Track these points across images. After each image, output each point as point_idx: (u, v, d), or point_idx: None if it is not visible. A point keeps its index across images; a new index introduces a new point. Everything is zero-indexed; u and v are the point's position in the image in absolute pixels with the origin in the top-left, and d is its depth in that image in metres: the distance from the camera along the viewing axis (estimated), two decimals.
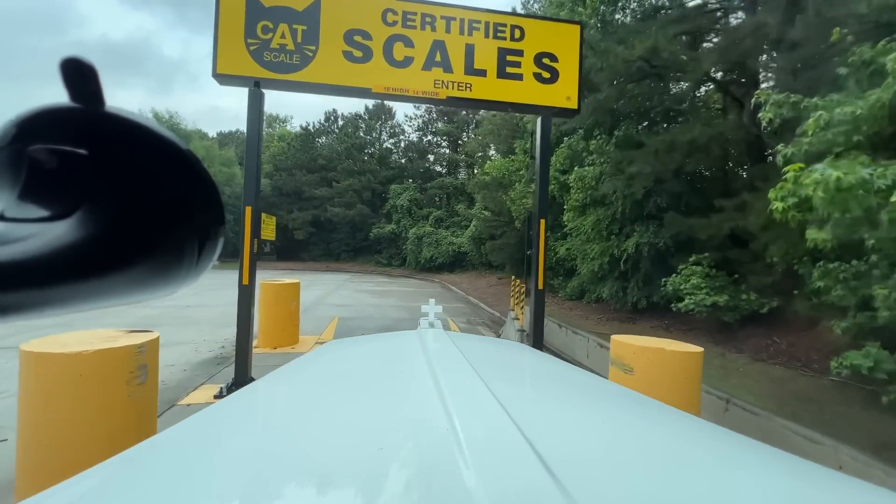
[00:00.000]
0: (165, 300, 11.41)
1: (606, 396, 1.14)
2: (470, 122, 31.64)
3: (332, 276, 24.96)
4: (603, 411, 0.99)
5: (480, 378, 1.00)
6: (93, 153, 0.25)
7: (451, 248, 25.74)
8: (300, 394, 1.09)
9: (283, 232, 34.58)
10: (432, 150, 33.91)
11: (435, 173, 32.96)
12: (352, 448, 0.68)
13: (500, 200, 16.13)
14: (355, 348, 1.63)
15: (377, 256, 32.20)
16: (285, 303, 7.28)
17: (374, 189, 33.47)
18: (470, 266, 24.78)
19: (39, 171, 0.25)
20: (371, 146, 35.95)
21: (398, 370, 1.24)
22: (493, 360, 1.45)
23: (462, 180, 30.71)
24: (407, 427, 0.77)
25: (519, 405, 0.84)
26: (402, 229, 29.92)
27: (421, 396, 0.93)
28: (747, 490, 0.64)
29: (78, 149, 0.25)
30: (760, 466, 0.73)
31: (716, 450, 0.81)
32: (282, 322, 7.23)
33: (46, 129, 0.25)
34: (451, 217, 28.82)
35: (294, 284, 7.50)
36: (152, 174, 0.27)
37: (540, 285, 5.62)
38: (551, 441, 0.68)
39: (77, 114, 0.25)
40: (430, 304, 2.73)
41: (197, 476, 0.64)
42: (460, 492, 0.52)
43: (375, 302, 13.97)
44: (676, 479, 0.64)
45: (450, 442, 0.65)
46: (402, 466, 0.62)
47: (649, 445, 0.78)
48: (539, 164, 5.56)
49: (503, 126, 16.77)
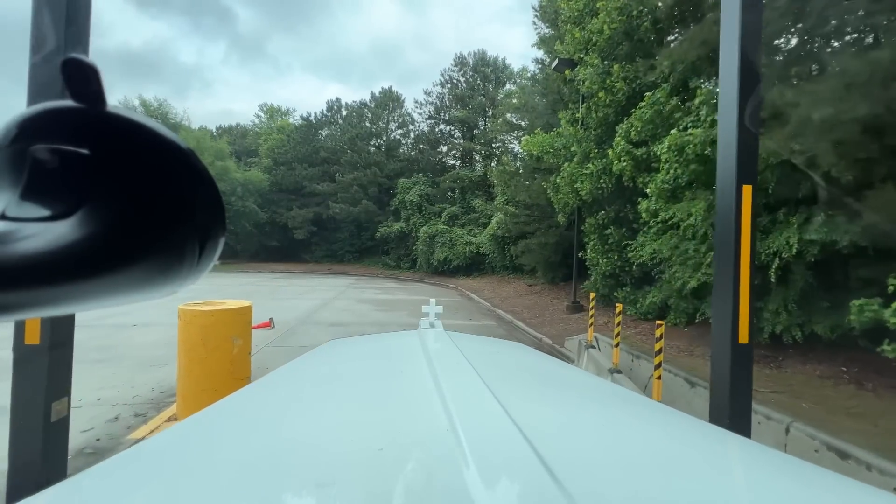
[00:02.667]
0: (111, 317, 9.44)
1: (607, 397, 1.15)
2: (488, 107, 28.46)
3: (334, 281, 22.03)
4: (604, 412, 1.01)
5: (481, 378, 1.01)
6: (94, 153, 0.25)
7: (467, 248, 22.58)
8: (300, 394, 1.10)
9: (282, 231, 31.88)
10: (445, 139, 30.74)
11: (448, 166, 29.82)
12: (352, 448, 0.69)
13: (537, 189, 12.96)
14: (355, 348, 1.65)
15: (384, 258, 29.19)
16: (221, 342, 4.24)
17: (381, 183, 30.44)
18: (489, 269, 21.61)
19: (41, 171, 0.25)
20: (377, 137, 32.91)
21: (398, 370, 1.24)
22: (493, 360, 1.49)
23: (479, 172, 27.55)
24: (407, 427, 0.77)
25: (519, 405, 0.85)
26: (411, 227, 26.84)
27: (421, 396, 0.93)
28: (747, 491, 0.65)
29: (79, 148, 0.25)
30: (761, 468, 0.73)
31: (716, 451, 0.83)
32: (216, 375, 4.19)
33: (48, 129, 0.25)
34: (466, 213, 25.67)
35: (240, 310, 4.45)
36: (153, 174, 0.27)
37: (744, 335, 2.46)
38: (552, 442, 0.69)
39: (78, 113, 0.25)
40: (430, 304, 2.61)
41: (197, 476, 0.64)
42: (460, 492, 0.52)
43: (380, 318, 10.91)
44: (677, 480, 0.65)
45: (450, 442, 0.66)
46: (402, 466, 0.62)
47: (650, 447, 0.78)
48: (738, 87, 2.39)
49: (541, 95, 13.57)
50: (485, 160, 28.32)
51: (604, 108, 9.30)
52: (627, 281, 9.59)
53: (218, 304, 4.48)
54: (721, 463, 0.77)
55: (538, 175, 12.92)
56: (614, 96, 8.90)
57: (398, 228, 27.45)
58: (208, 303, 4.56)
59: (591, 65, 9.16)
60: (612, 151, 8.58)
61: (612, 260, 9.49)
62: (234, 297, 5.38)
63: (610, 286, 10.20)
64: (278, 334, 8.48)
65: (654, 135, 7.95)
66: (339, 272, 27.75)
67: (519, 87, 16.67)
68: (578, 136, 9.90)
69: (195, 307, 4.27)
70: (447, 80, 30.37)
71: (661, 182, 7.45)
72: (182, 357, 4.26)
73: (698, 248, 6.59)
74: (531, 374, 1.40)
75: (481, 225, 24.01)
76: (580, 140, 9.85)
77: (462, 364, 1.17)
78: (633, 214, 9.38)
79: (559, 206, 11.48)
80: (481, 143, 27.80)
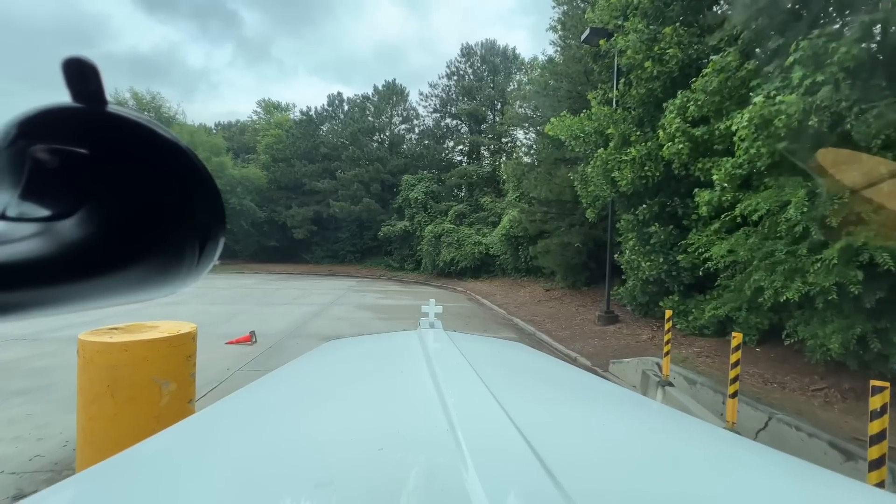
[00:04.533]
0: (69, 328, 7.96)
1: (606, 397, 1.15)
2: (497, 99, 26.93)
3: (334, 283, 20.63)
4: (602, 412, 1.00)
5: (480, 378, 1.00)
6: (94, 153, 0.25)
7: (476, 249, 21.07)
8: (300, 394, 1.10)
9: (281, 230, 30.50)
10: (451, 134, 29.17)
11: (455, 161, 28.28)
12: (352, 448, 0.69)
13: (560, 182, 11.47)
14: (355, 348, 1.65)
15: (387, 259, 27.72)
16: (140, 390, 2.83)
17: (384, 180, 28.98)
18: (500, 271, 20.12)
19: (41, 171, 0.25)
20: (380, 132, 31.42)
21: (398, 370, 1.25)
22: (492, 360, 1.49)
23: (487, 168, 26.04)
24: (407, 427, 0.77)
25: (518, 405, 0.84)
26: (416, 227, 25.34)
27: (421, 397, 0.93)
28: (744, 490, 0.64)
29: (79, 148, 0.25)
30: (758, 467, 0.73)
31: (714, 450, 0.81)
32: (132, 438, 2.70)
33: (48, 129, 0.25)
34: (474, 212, 24.17)
35: (172, 340, 3.01)
36: (154, 174, 0.27)
37: None
38: (550, 441, 0.69)
39: (79, 113, 0.25)
40: (430, 304, 2.58)
41: (197, 476, 0.65)
42: (460, 492, 0.52)
43: (382, 328, 9.45)
44: (675, 479, 0.65)
45: (450, 442, 0.66)
46: (401, 466, 0.62)
47: (649, 446, 0.79)
48: None
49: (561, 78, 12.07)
50: (493, 155, 26.81)
51: (648, 83, 7.81)
52: (675, 288, 8.08)
53: (139, 331, 3.04)
54: (721, 462, 0.76)
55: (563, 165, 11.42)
56: (664, 66, 7.41)
57: (402, 227, 25.98)
58: (129, 328, 3.12)
59: (633, 30, 7.68)
60: (662, 132, 7.09)
61: (656, 263, 7.99)
62: (219, 303, 3.99)
63: (651, 294, 8.71)
64: (259, 352, 7.05)
65: (718, 110, 6.45)
66: (339, 273, 26.34)
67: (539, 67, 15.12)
68: (615, 116, 8.41)
69: (99, 337, 2.83)
70: (453, 71, 28.88)
71: (731, 167, 5.96)
72: (81, 413, 2.83)
73: (794, 249, 5.10)
74: (531, 374, 1.41)
75: (490, 224, 22.51)
76: (617, 121, 8.35)
77: (462, 364, 1.18)
78: (683, 209, 7.89)
79: (588, 200, 9.98)
80: (490, 137, 26.29)
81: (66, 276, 0.23)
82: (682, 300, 7.89)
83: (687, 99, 6.75)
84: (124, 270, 0.25)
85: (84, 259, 0.24)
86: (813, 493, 0.65)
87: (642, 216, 8.35)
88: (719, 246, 6.07)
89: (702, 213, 6.69)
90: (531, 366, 1.51)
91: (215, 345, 7.43)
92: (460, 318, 11.06)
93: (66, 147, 0.25)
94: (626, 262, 9.00)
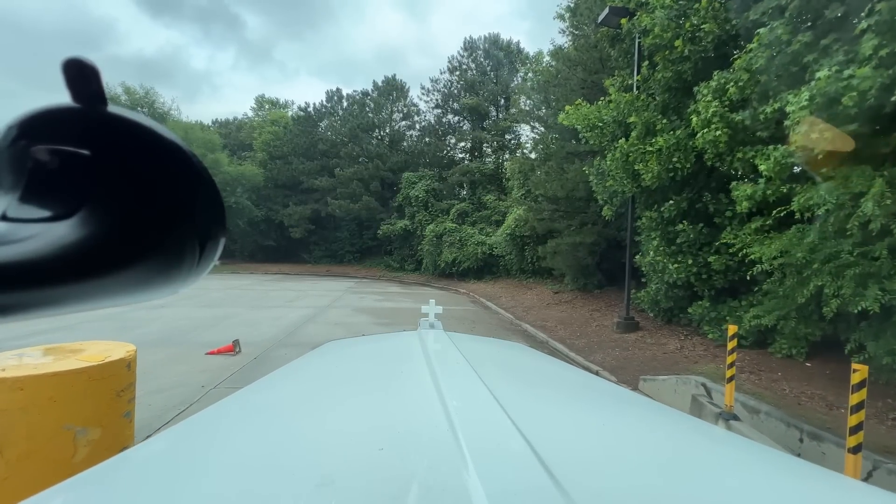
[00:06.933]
0: (41, 334, 7.07)
1: (606, 397, 1.15)
2: (500, 94, 26.11)
3: (332, 284, 19.87)
4: (602, 412, 1.00)
5: (480, 378, 1.00)
6: (94, 154, 0.25)
7: (479, 249, 20.28)
8: (300, 394, 1.08)
9: (278, 229, 29.72)
10: (453, 130, 28.34)
11: (457, 158, 27.46)
12: (352, 448, 0.69)
13: (573, 178, 10.68)
14: (355, 349, 1.63)
15: (387, 259, 26.93)
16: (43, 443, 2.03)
17: (384, 178, 28.18)
18: (504, 272, 19.33)
19: (41, 172, 0.25)
20: (380, 128, 30.60)
21: (398, 370, 1.23)
22: (492, 360, 1.49)
23: (490, 165, 25.25)
24: (407, 427, 0.76)
25: (518, 405, 0.84)
26: (416, 226, 24.55)
27: (421, 397, 0.92)
28: (744, 489, 0.63)
29: (80, 149, 0.25)
30: (758, 467, 0.73)
31: (713, 450, 0.81)
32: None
33: (48, 130, 0.25)
34: (477, 210, 23.37)
35: (95, 371, 2.21)
36: (154, 174, 0.27)
37: None
38: (550, 441, 0.68)
39: (79, 114, 0.25)
40: (430, 304, 2.55)
41: (197, 476, 0.64)
42: (460, 492, 0.52)
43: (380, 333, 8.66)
44: (674, 478, 0.64)
45: (450, 442, 0.65)
46: (402, 466, 0.62)
47: (648, 446, 0.79)
48: None
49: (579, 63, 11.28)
50: (496, 152, 26.01)
51: (676, 65, 7.04)
52: (705, 293, 7.30)
53: (51, 358, 2.26)
54: (721, 461, 0.76)
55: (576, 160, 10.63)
56: (697, 45, 6.63)
57: (402, 227, 25.19)
58: (37, 355, 2.34)
59: (659, 6, 6.90)
60: (695, 118, 6.31)
61: (684, 265, 7.21)
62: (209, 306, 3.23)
63: (677, 298, 7.93)
64: (241, 364, 6.28)
65: (764, 91, 5.67)
66: (338, 274, 25.58)
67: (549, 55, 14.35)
68: (638, 103, 7.62)
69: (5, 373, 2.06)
70: (455, 66, 28.07)
71: (781, 156, 5.18)
72: None
73: (867, 250, 4.32)
74: (531, 374, 1.41)
75: (494, 223, 21.72)
76: (639, 109, 7.57)
77: (462, 364, 1.18)
78: (715, 205, 7.11)
79: (604, 196, 9.20)
80: (493, 133, 25.48)
81: (66, 277, 0.23)
82: (714, 306, 7.11)
83: (725, 80, 5.97)
84: (125, 271, 0.25)
85: (85, 260, 0.24)
86: (813, 493, 0.65)
87: (668, 213, 7.56)
88: (767, 246, 5.29)
89: (741, 208, 5.92)
90: (531, 366, 1.53)
91: (195, 355, 6.66)
92: (464, 323, 10.28)
93: (67, 148, 0.25)
94: (647, 264, 8.23)
